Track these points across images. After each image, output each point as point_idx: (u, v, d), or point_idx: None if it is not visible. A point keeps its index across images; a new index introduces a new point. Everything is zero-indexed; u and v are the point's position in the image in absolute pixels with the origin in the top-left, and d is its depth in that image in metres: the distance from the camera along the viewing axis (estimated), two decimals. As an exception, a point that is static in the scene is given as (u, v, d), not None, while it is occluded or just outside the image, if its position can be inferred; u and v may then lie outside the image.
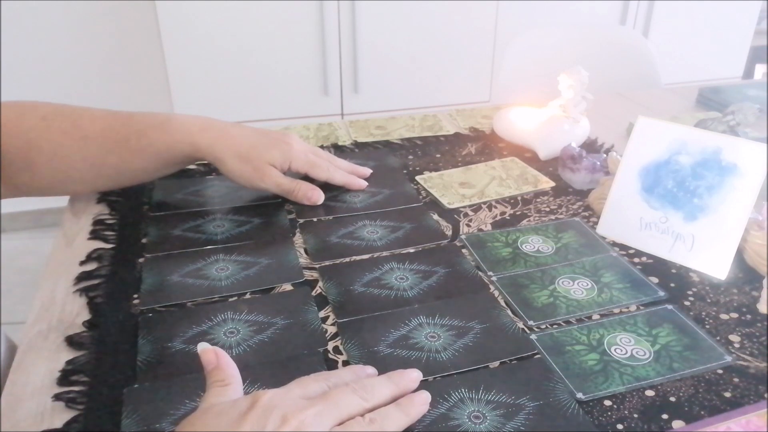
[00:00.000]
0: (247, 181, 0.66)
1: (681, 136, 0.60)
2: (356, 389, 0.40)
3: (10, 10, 1.80)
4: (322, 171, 0.69)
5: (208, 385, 0.40)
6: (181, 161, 0.68)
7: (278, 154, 0.66)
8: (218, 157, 0.65)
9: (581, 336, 0.50)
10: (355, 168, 0.74)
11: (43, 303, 0.54)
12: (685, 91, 1.10)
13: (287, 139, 0.67)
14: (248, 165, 0.65)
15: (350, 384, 0.41)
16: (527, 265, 0.59)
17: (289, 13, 1.62)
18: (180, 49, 1.59)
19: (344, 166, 0.73)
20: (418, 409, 0.41)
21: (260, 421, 0.36)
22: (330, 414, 0.38)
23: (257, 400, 0.37)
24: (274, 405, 0.37)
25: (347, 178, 0.71)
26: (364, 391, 0.40)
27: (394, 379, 0.43)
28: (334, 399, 0.39)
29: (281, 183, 0.66)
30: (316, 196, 0.68)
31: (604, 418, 0.43)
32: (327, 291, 0.55)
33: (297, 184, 0.67)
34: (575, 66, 0.80)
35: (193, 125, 0.65)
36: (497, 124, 0.88)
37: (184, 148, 0.65)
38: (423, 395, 0.42)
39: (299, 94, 1.72)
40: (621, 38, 1.43)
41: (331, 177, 0.70)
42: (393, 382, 0.42)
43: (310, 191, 0.67)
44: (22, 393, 0.45)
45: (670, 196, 0.60)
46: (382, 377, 0.43)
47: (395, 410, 0.40)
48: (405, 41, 1.73)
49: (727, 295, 0.56)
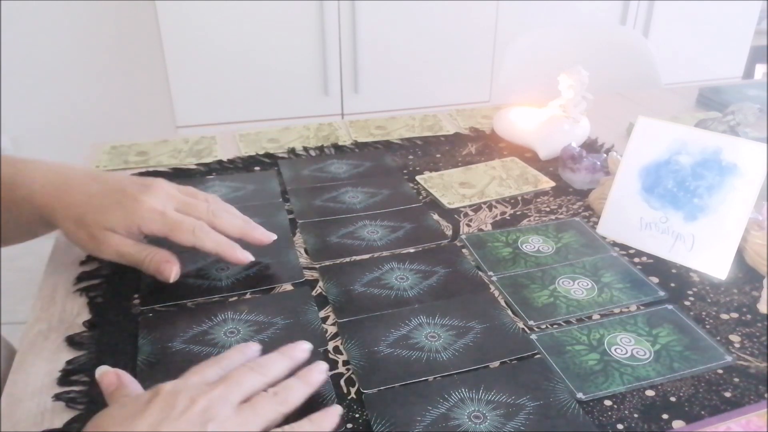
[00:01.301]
0: (85, 250, 0.56)
1: (681, 136, 0.60)
2: (253, 367, 0.42)
3: (10, 10, 1.80)
4: (185, 235, 0.53)
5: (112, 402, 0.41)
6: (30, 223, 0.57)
7: (120, 217, 0.52)
8: (56, 220, 0.54)
9: (581, 336, 0.50)
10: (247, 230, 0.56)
11: (43, 303, 0.54)
12: (685, 91, 1.10)
13: (139, 195, 0.53)
14: (84, 231, 0.53)
15: (246, 364, 0.42)
16: (527, 265, 0.59)
17: (289, 13, 1.62)
18: (180, 49, 1.59)
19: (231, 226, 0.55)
20: (317, 377, 0.43)
21: (167, 405, 0.37)
22: (234, 393, 0.39)
23: (160, 389, 0.38)
24: (179, 390, 0.38)
25: (222, 247, 0.54)
26: (261, 368, 0.42)
27: (286, 353, 0.44)
28: (235, 379, 0.40)
29: (124, 253, 0.53)
30: (167, 271, 0.52)
31: (605, 418, 0.43)
32: (327, 291, 0.55)
33: (146, 253, 0.53)
34: (575, 66, 0.80)
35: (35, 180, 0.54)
36: (497, 124, 0.88)
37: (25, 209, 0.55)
38: (320, 365, 0.44)
39: (299, 94, 1.72)
40: (621, 38, 1.43)
41: (199, 243, 0.53)
42: (286, 356, 0.44)
43: (162, 264, 0.53)
44: (22, 393, 0.45)
45: (670, 196, 0.60)
46: (274, 353, 0.44)
47: (296, 381, 0.42)
48: (405, 41, 1.73)
49: (727, 295, 0.56)
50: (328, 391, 0.44)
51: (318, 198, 0.71)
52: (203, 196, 0.57)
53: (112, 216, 0.52)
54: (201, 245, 0.53)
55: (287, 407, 0.41)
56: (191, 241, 0.53)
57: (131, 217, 0.52)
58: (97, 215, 0.53)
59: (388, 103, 1.79)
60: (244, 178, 0.75)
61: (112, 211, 0.53)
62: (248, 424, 0.38)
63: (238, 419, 0.38)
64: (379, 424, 0.42)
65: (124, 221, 0.52)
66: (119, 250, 0.53)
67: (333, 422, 0.41)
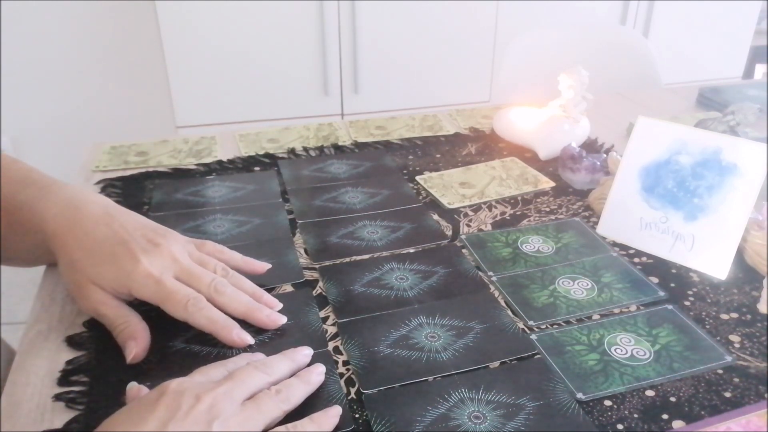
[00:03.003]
0: (72, 296, 0.51)
1: (681, 136, 0.60)
2: (257, 366, 0.43)
3: (10, 10, 1.80)
4: (176, 308, 0.47)
5: None
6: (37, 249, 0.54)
7: (111, 276, 0.48)
8: (56, 255, 0.51)
9: (581, 336, 0.50)
10: (252, 311, 0.50)
11: (43, 303, 0.54)
12: (685, 91, 1.10)
13: (139, 255, 0.48)
14: (72, 276, 0.49)
15: (251, 363, 0.43)
16: (527, 265, 0.59)
17: (289, 13, 1.62)
18: (180, 49, 1.59)
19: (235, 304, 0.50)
20: (316, 378, 0.44)
21: (173, 404, 0.37)
22: (238, 390, 0.40)
23: (166, 388, 0.38)
24: (184, 389, 0.38)
25: (216, 326, 0.47)
26: (266, 367, 0.43)
27: (289, 356, 0.46)
28: (239, 377, 0.41)
29: (101, 314, 0.48)
30: (128, 350, 0.46)
31: (604, 418, 0.43)
32: (327, 291, 0.55)
33: (121, 322, 0.48)
34: (575, 66, 0.80)
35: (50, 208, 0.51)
36: (497, 124, 0.88)
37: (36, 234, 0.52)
38: (319, 367, 0.45)
39: (299, 94, 1.72)
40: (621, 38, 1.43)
41: (191, 319, 0.47)
42: (289, 359, 0.45)
43: (127, 341, 0.47)
44: (22, 393, 0.45)
45: (670, 196, 0.60)
46: (278, 355, 0.45)
47: (297, 381, 0.43)
48: (405, 41, 1.73)
49: (727, 295, 0.56)
50: (337, 391, 0.44)
51: (318, 198, 0.71)
52: (214, 264, 0.52)
53: (103, 271, 0.48)
54: (193, 322, 0.47)
55: (289, 405, 0.41)
56: (183, 315, 0.47)
57: (123, 278, 0.48)
58: (89, 266, 0.48)
59: (388, 103, 1.79)
60: (244, 178, 0.75)
61: (105, 266, 0.48)
62: (252, 421, 0.39)
63: (242, 416, 0.38)
64: (379, 424, 0.42)
65: (114, 281, 0.48)
66: (97, 309, 0.48)
67: (333, 422, 0.41)
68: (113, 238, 0.49)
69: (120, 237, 0.49)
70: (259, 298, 0.52)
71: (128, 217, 0.52)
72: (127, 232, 0.50)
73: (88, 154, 0.81)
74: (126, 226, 0.50)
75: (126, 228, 0.50)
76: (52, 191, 0.53)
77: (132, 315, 0.49)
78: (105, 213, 0.51)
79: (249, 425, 0.38)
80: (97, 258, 0.48)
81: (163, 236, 0.51)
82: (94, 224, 0.50)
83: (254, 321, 0.50)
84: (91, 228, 0.50)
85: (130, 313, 0.49)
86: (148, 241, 0.50)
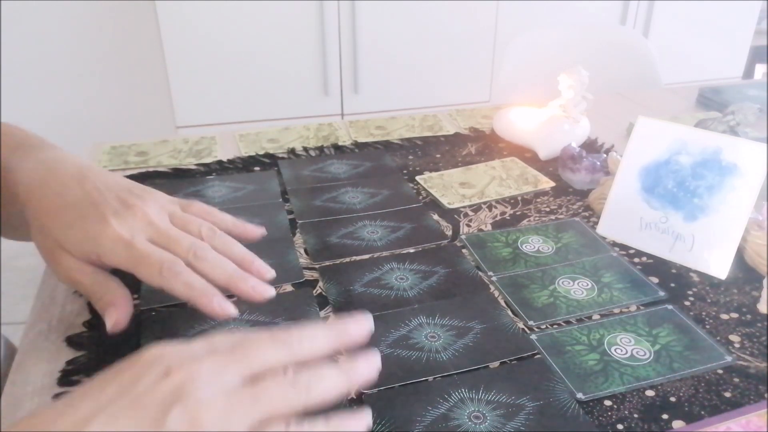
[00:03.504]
0: (47, 264, 0.47)
1: (681, 136, 0.60)
2: (278, 337, 0.32)
3: (10, 10, 1.80)
4: (150, 273, 0.42)
5: None
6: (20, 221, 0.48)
7: (79, 240, 0.43)
8: (28, 222, 0.46)
9: (581, 336, 0.50)
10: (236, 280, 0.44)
11: (43, 303, 0.54)
12: (685, 91, 1.10)
13: (109, 217, 0.43)
14: (44, 243, 0.45)
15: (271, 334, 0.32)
16: (527, 265, 0.59)
17: (289, 13, 1.62)
18: (180, 49, 1.59)
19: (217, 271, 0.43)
20: (363, 372, 0.32)
21: (135, 375, 0.29)
22: (235, 367, 0.29)
23: (143, 354, 0.31)
24: (160, 356, 0.30)
25: (194, 292, 0.41)
26: (291, 339, 0.32)
27: (336, 328, 0.34)
28: (244, 348, 0.31)
29: (75, 281, 0.44)
30: (109, 318, 0.42)
31: (604, 418, 0.43)
32: (327, 291, 0.55)
33: (98, 288, 0.44)
34: (575, 66, 0.80)
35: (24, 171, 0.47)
36: (497, 124, 0.88)
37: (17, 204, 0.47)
38: (373, 356, 0.33)
39: (299, 94, 1.72)
40: (621, 38, 1.43)
41: (166, 285, 0.42)
42: (333, 331, 0.34)
43: (108, 307, 0.43)
44: (22, 393, 0.45)
45: (670, 196, 0.60)
46: (317, 325, 0.34)
47: (332, 370, 0.31)
48: (405, 41, 1.73)
49: (727, 295, 0.56)
50: None
51: (318, 198, 0.71)
52: (198, 225, 0.46)
53: (71, 236, 0.43)
54: (169, 288, 0.41)
55: (306, 398, 0.30)
56: (157, 282, 0.41)
57: (90, 243, 0.43)
58: (58, 230, 0.43)
59: (388, 103, 1.79)
60: (244, 179, 0.75)
61: (73, 230, 0.43)
62: (237, 415, 0.28)
63: (223, 404, 0.28)
64: (379, 424, 0.42)
65: (82, 246, 0.43)
66: (71, 277, 0.44)
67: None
68: (84, 200, 0.44)
69: (92, 198, 0.44)
70: (249, 264, 0.45)
71: (104, 177, 0.47)
72: (100, 193, 0.45)
73: (88, 154, 0.81)
74: (99, 187, 0.45)
75: (99, 189, 0.45)
76: (32, 153, 0.48)
77: (110, 280, 0.44)
78: (78, 173, 0.46)
79: (231, 420, 0.28)
80: (66, 221, 0.43)
81: (139, 196, 0.45)
82: (65, 186, 0.45)
83: (237, 291, 0.43)
84: (62, 189, 0.45)
85: (108, 279, 0.44)
86: (121, 202, 0.44)
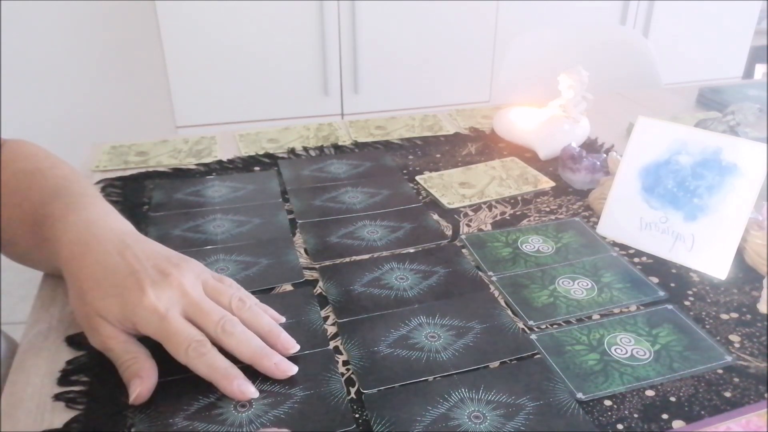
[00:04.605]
0: (82, 328, 0.48)
1: (681, 136, 0.60)
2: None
3: (10, 10, 1.80)
4: (177, 351, 0.43)
5: None
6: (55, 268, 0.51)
7: (116, 308, 0.44)
8: (67, 285, 0.48)
9: (581, 336, 0.50)
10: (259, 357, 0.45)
11: (43, 303, 0.54)
12: (685, 91, 1.10)
13: (146, 287, 0.44)
14: (82, 309, 0.46)
15: None
16: (527, 265, 0.59)
17: (289, 13, 1.62)
18: (180, 49, 1.59)
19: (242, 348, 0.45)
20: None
21: None
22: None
23: None
24: None
25: (216, 375, 0.43)
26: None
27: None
28: None
29: (108, 348, 0.45)
30: (132, 389, 0.43)
31: (604, 418, 0.43)
32: (327, 291, 0.55)
33: (127, 358, 0.44)
34: (575, 66, 0.80)
35: (66, 231, 0.49)
36: (497, 124, 0.88)
37: (51, 260, 0.50)
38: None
39: (299, 94, 1.72)
40: (621, 38, 1.43)
41: (191, 365, 0.43)
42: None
43: (133, 378, 0.43)
44: (22, 393, 0.45)
45: (670, 196, 0.60)
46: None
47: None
48: (405, 41, 1.73)
49: (727, 295, 0.56)
50: (338, 390, 0.44)
51: (318, 198, 0.71)
52: (230, 296, 0.48)
53: (109, 304, 0.44)
54: (193, 367, 0.43)
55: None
56: (183, 359, 0.43)
57: (127, 312, 0.44)
58: (96, 299, 0.45)
59: (388, 103, 1.79)
60: (244, 178, 0.75)
61: (111, 298, 0.44)
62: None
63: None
64: (379, 424, 0.42)
65: (119, 314, 0.44)
66: (105, 344, 0.45)
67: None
68: (124, 269, 0.45)
69: (131, 267, 0.46)
70: (275, 338, 0.47)
71: (144, 245, 0.48)
72: (139, 262, 0.46)
73: (88, 154, 0.81)
74: (139, 256, 0.47)
75: (139, 258, 0.46)
76: (74, 211, 0.50)
77: (140, 351, 0.45)
78: (120, 241, 0.48)
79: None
80: (105, 290, 0.45)
81: (176, 266, 0.47)
82: (106, 254, 0.46)
83: (260, 368, 0.45)
84: (103, 257, 0.46)
85: (138, 350, 0.45)
86: (159, 272, 0.46)
